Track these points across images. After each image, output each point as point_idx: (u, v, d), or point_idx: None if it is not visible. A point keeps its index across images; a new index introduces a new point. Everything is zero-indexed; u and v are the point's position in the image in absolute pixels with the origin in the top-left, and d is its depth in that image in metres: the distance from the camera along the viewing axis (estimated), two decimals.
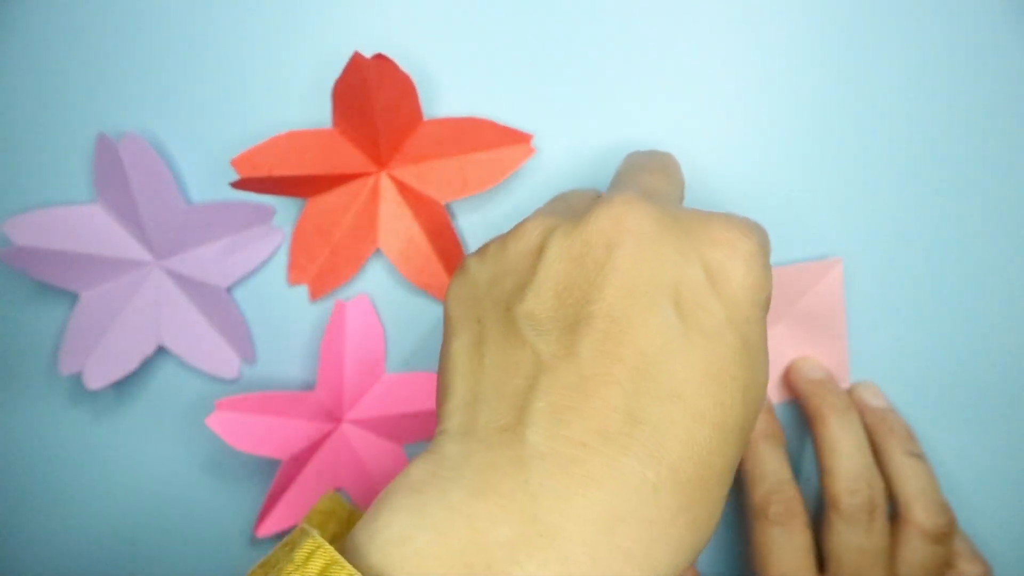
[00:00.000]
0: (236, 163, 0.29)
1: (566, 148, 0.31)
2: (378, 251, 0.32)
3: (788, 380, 0.32)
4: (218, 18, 0.30)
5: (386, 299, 0.33)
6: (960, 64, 0.31)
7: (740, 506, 0.33)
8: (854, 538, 0.28)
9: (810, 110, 0.31)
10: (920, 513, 0.29)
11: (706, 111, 0.31)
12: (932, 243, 0.32)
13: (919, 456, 0.30)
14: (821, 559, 0.30)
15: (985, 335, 0.33)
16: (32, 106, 0.31)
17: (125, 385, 0.34)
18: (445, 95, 0.31)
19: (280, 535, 0.34)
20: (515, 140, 0.30)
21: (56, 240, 0.31)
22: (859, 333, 0.32)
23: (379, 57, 0.27)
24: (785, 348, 0.32)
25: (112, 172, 0.30)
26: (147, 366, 0.33)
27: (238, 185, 0.29)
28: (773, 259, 0.32)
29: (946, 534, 0.29)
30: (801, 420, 0.33)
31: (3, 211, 0.32)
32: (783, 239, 0.32)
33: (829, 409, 0.30)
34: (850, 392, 0.32)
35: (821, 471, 0.30)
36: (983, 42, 0.31)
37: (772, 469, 0.30)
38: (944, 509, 0.29)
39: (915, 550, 0.29)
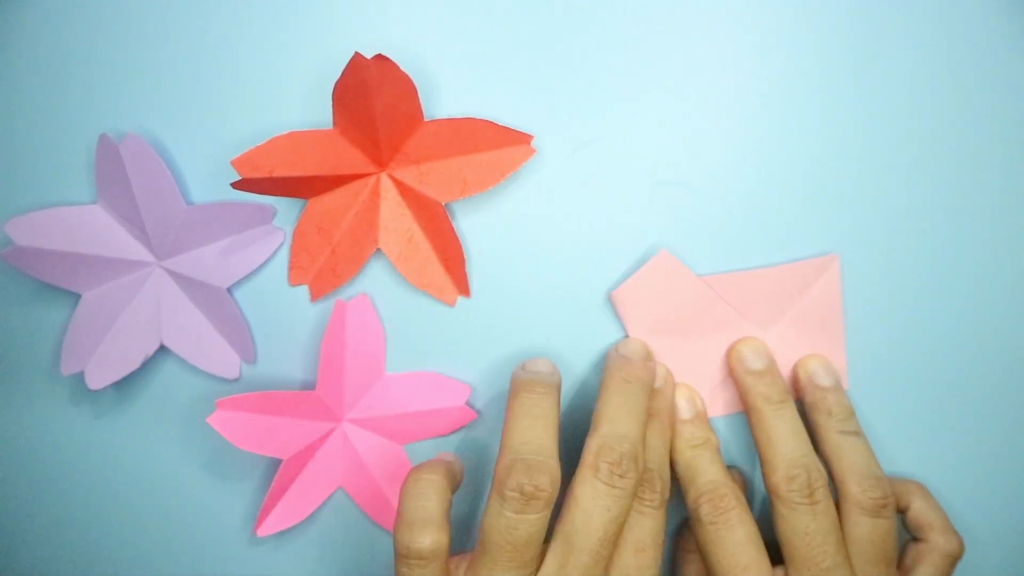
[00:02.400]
0: (237, 163, 0.29)
1: (566, 148, 0.31)
2: (378, 251, 0.32)
3: (729, 364, 0.32)
4: (219, 19, 0.31)
5: (386, 299, 0.33)
6: (957, 62, 0.31)
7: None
8: (799, 522, 0.29)
9: (808, 109, 0.31)
10: (854, 487, 0.29)
11: (705, 110, 0.31)
12: (930, 239, 0.32)
13: (855, 433, 0.31)
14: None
15: (983, 330, 0.33)
16: (33, 107, 0.31)
17: (126, 385, 0.34)
18: (446, 96, 0.31)
19: (280, 534, 0.34)
20: (515, 140, 0.30)
21: (58, 240, 0.31)
22: (857, 329, 0.32)
23: (380, 58, 0.27)
24: (784, 347, 0.32)
25: (113, 173, 0.30)
26: (148, 366, 0.33)
27: (239, 185, 0.29)
28: (771, 258, 0.32)
29: (882, 506, 0.29)
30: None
31: (5, 211, 0.32)
32: (782, 237, 0.32)
33: (764, 402, 0.31)
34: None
35: (761, 463, 0.30)
36: (980, 40, 0.31)
37: (702, 471, 0.30)
38: (878, 482, 0.29)
39: (856, 525, 0.29)
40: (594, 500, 0.28)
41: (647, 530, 0.29)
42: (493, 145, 0.30)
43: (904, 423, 0.33)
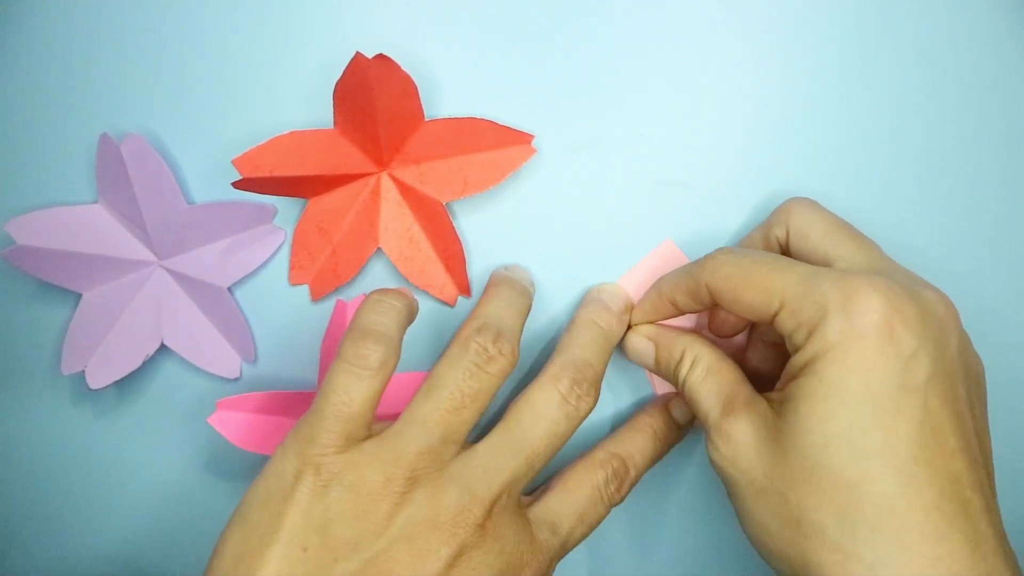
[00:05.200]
0: (237, 163, 0.29)
1: (566, 148, 0.31)
2: (379, 251, 0.32)
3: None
4: (220, 18, 0.31)
5: None
6: (961, 63, 0.31)
7: None
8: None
9: (810, 108, 0.31)
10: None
11: (706, 110, 0.31)
12: (935, 238, 0.32)
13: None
14: None
15: (983, 330, 0.33)
16: (34, 106, 0.31)
17: (127, 384, 0.34)
18: (446, 95, 0.31)
19: None
20: (516, 140, 0.30)
21: (58, 240, 0.31)
22: None
23: (381, 57, 0.27)
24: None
25: (114, 172, 0.30)
26: (149, 365, 0.33)
27: (239, 185, 0.29)
28: None
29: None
30: None
31: (6, 211, 0.32)
32: None
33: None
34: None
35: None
36: (983, 43, 0.31)
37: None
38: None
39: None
40: (547, 406, 0.27)
41: None
42: (494, 145, 0.30)
43: None
